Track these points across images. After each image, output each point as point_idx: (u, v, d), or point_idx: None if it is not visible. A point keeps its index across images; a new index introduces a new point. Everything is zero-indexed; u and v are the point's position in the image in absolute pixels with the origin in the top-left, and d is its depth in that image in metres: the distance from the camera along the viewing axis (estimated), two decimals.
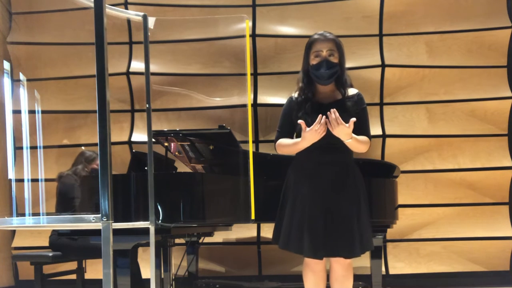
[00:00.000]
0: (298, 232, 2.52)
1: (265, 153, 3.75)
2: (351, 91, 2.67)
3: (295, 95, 2.69)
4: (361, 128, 2.59)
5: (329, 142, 2.55)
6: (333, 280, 2.66)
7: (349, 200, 2.53)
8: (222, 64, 4.74)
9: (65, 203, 3.73)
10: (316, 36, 2.62)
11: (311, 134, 2.46)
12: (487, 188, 4.56)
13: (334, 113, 2.41)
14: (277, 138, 2.70)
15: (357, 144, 2.55)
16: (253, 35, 4.71)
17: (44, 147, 4.38)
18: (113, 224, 1.47)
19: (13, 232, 4.71)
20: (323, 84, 2.61)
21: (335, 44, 2.60)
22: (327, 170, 2.56)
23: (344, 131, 2.44)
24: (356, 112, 2.59)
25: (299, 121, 2.52)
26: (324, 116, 2.44)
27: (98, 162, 4.09)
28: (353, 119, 2.44)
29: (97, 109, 1.46)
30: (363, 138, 2.58)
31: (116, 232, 1.61)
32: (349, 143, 2.51)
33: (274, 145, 2.73)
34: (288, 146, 2.64)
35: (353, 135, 2.49)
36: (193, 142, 3.44)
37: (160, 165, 3.39)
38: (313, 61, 2.59)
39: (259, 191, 3.11)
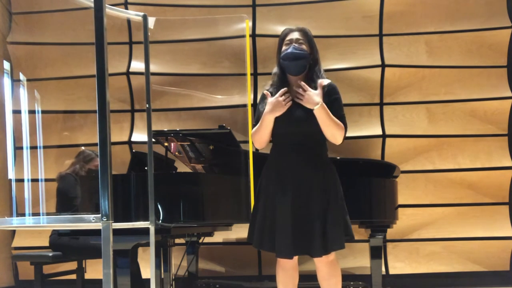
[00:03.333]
0: (271, 232, 2.51)
1: (265, 153, 3.74)
2: (323, 82, 2.60)
3: (267, 88, 2.65)
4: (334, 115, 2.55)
5: (301, 141, 2.54)
6: (320, 279, 2.65)
7: (315, 199, 2.50)
8: (222, 64, 4.74)
9: (64, 203, 3.72)
10: (289, 28, 2.64)
11: (276, 103, 2.45)
12: (487, 188, 4.56)
13: (299, 82, 2.43)
14: (253, 126, 2.66)
15: (328, 120, 2.47)
16: (253, 35, 4.71)
17: (44, 147, 4.39)
18: (113, 224, 1.47)
19: (13, 232, 4.71)
20: (290, 68, 2.54)
21: (303, 34, 2.60)
22: (297, 170, 2.53)
23: (312, 96, 2.43)
24: (326, 102, 2.53)
25: (264, 92, 2.53)
26: (286, 88, 2.45)
27: (96, 162, 4.08)
28: (321, 81, 2.44)
29: (97, 109, 1.46)
30: (337, 120, 2.52)
31: (116, 232, 1.61)
32: (318, 112, 2.44)
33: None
34: (257, 128, 2.58)
35: (324, 105, 2.45)
36: (193, 142, 3.44)
37: (160, 165, 3.40)
38: (283, 48, 2.59)
39: None
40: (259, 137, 2.61)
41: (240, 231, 4.59)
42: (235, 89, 4.60)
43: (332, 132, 2.52)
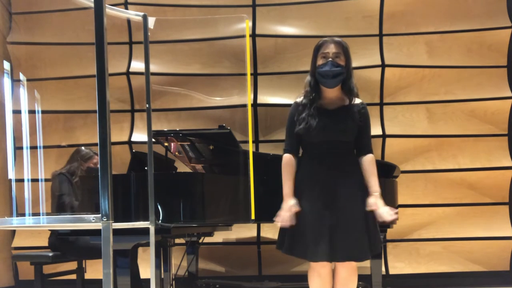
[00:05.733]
0: (304, 238, 2.52)
1: (265, 153, 3.75)
2: (356, 100, 2.68)
3: (300, 99, 2.69)
4: (365, 141, 2.65)
5: (331, 147, 2.57)
6: (337, 283, 2.66)
7: (356, 204, 2.54)
8: (222, 64, 4.74)
9: (54, 202, 3.72)
10: (324, 39, 2.67)
11: (283, 214, 2.55)
12: (487, 188, 4.56)
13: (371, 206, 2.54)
14: (285, 151, 2.67)
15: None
16: (253, 35, 4.71)
17: (44, 147, 4.38)
18: (113, 224, 1.47)
19: (13, 232, 4.71)
20: (328, 84, 2.60)
21: (341, 48, 2.64)
22: (331, 175, 2.56)
23: (383, 210, 2.52)
24: (360, 121, 2.62)
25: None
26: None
27: (95, 160, 4.05)
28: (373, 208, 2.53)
29: (97, 109, 1.46)
30: (373, 170, 2.63)
31: (116, 232, 1.61)
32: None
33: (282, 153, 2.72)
34: (282, 174, 2.65)
35: (377, 188, 2.57)
36: (193, 142, 3.44)
37: (160, 165, 3.39)
38: (320, 61, 2.62)
39: (259, 191, 3.11)
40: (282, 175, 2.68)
41: (240, 231, 4.59)
42: (235, 89, 4.60)
43: None
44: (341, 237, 2.49)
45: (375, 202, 2.52)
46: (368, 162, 2.62)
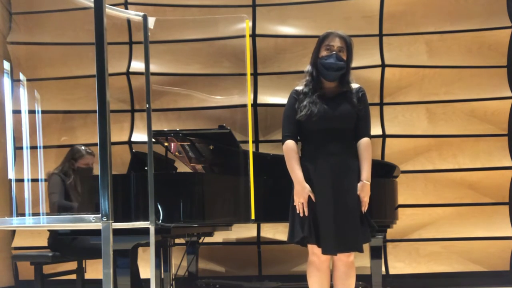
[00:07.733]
0: (311, 227, 2.54)
1: (265, 153, 3.75)
2: (353, 86, 2.72)
3: (300, 87, 2.72)
4: (363, 125, 2.67)
5: (332, 135, 2.60)
6: (336, 278, 2.67)
7: (353, 196, 2.58)
8: (222, 64, 4.74)
9: (49, 201, 3.71)
10: (329, 31, 2.68)
11: (299, 196, 2.56)
12: (487, 188, 4.56)
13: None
14: (287, 137, 2.67)
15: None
16: (253, 35, 4.71)
17: (44, 147, 4.38)
18: (113, 224, 1.47)
19: (13, 232, 4.71)
20: (328, 76, 2.63)
21: (345, 43, 2.66)
22: (333, 165, 2.58)
23: (367, 195, 2.61)
24: (359, 109, 2.65)
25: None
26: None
27: (86, 160, 4.02)
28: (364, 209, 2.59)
29: (97, 109, 1.46)
30: (367, 155, 2.64)
31: (116, 232, 1.61)
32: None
33: (282, 141, 2.71)
34: (288, 161, 2.64)
35: (366, 176, 2.61)
36: (193, 142, 3.44)
37: (160, 165, 3.40)
38: (323, 52, 2.63)
39: (259, 191, 3.12)
40: (286, 161, 2.68)
41: (240, 231, 4.59)
42: (235, 89, 4.60)
43: None
44: (342, 228, 2.51)
45: (361, 190, 2.58)
46: (363, 147, 2.65)
